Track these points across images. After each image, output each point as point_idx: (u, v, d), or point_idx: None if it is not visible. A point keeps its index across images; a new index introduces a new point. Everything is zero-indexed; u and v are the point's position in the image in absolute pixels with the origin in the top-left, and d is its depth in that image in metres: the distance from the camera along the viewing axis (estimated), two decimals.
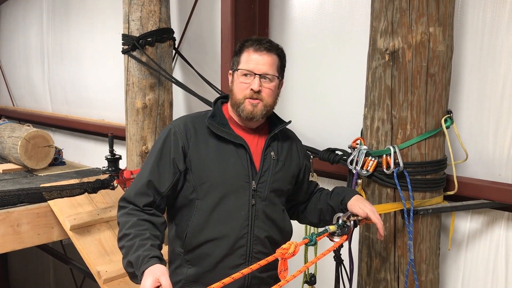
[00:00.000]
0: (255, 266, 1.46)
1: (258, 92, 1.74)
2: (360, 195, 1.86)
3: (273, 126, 1.88)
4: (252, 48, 1.76)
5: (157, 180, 1.73)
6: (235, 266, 1.74)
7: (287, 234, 1.91)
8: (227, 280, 1.36)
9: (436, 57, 1.93)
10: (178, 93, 3.47)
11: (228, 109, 1.86)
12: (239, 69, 1.76)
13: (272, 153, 1.84)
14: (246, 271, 1.43)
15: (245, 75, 1.75)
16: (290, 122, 1.92)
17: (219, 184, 1.74)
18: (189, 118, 1.84)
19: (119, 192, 3.27)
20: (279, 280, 1.92)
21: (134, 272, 1.55)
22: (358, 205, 1.77)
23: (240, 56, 1.78)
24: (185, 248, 1.77)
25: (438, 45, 1.92)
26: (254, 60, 1.74)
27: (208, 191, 1.74)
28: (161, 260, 1.52)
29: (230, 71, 1.84)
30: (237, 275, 1.39)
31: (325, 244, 2.23)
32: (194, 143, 1.76)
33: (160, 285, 1.42)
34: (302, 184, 1.99)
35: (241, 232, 1.75)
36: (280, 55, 1.81)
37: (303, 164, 1.96)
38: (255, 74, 1.74)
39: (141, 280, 1.47)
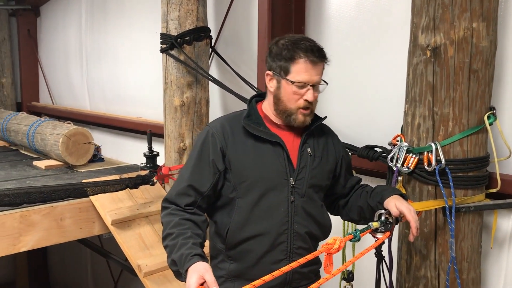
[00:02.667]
0: (295, 264, 1.47)
1: (311, 102, 1.77)
2: (403, 194, 1.85)
3: None
4: (307, 58, 1.72)
5: (198, 181, 1.78)
6: (277, 262, 1.78)
7: (326, 229, 1.94)
8: (267, 277, 1.38)
9: (479, 53, 1.91)
10: (214, 91, 3.52)
11: (263, 108, 1.88)
12: (293, 82, 1.73)
13: (309, 150, 1.85)
14: (286, 269, 1.44)
15: (299, 86, 1.75)
16: (325, 117, 1.93)
17: (258, 182, 1.78)
18: (225, 119, 1.88)
19: (157, 188, 3.35)
20: (319, 275, 1.95)
21: (178, 270, 1.60)
22: (395, 202, 1.76)
23: (291, 65, 1.73)
24: (227, 244, 1.81)
25: (482, 40, 1.90)
26: (309, 72, 1.73)
27: (248, 189, 1.78)
28: (203, 258, 1.57)
29: (270, 73, 1.80)
30: (276, 273, 1.41)
31: (362, 240, 2.23)
32: (232, 143, 1.79)
33: (205, 281, 1.47)
34: (339, 178, 2.00)
35: (281, 228, 1.78)
36: (327, 60, 1.81)
37: (339, 158, 1.97)
38: (309, 85, 1.75)
39: (185, 278, 1.52)
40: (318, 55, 1.74)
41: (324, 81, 1.81)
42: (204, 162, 1.79)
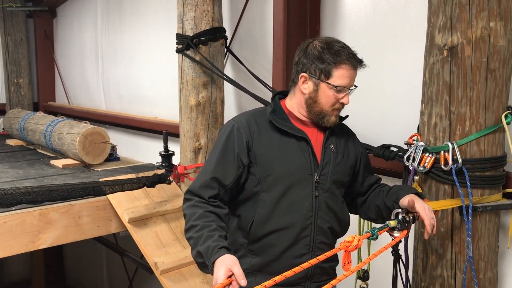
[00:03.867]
0: (314, 261, 1.49)
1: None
2: (419, 193, 1.85)
3: None
4: (350, 65, 1.77)
5: (222, 174, 1.80)
6: (299, 256, 1.80)
7: (345, 226, 1.96)
8: (288, 273, 1.40)
9: (497, 52, 1.91)
10: (228, 91, 3.54)
11: (287, 105, 1.91)
12: (336, 86, 1.77)
13: (332, 146, 1.89)
14: (306, 265, 1.47)
15: (339, 90, 1.79)
16: (347, 116, 1.96)
17: (283, 177, 1.80)
18: (250, 114, 1.90)
19: (173, 187, 3.38)
20: (336, 272, 1.97)
21: (204, 262, 1.61)
22: (408, 200, 1.77)
23: (334, 69, 1.76)
24: (250, 238, 1.83)
25: (499, 40, 1.90)
26: (350, 77, 1.79)
27: (273, 183, 1.80)
28: (229, 251, 1.59)
29: (306, 75, 1.81)
30: (297, 269, 1.43)
31: (377, 240, 2.24)
32: (258, 138, 1.82)
33: (233, 274, 1.48)
34: (357, 175, 2.02)
35: (305, 222, 1.81)
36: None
37: (359, 155, 2.00)
38: (348, 89, 1.80)
39: (212, 270, 1.54)
40: (359, 61, 1.80)
41: (355, 85, 1.84)
42: (229, 155, 1.81)
